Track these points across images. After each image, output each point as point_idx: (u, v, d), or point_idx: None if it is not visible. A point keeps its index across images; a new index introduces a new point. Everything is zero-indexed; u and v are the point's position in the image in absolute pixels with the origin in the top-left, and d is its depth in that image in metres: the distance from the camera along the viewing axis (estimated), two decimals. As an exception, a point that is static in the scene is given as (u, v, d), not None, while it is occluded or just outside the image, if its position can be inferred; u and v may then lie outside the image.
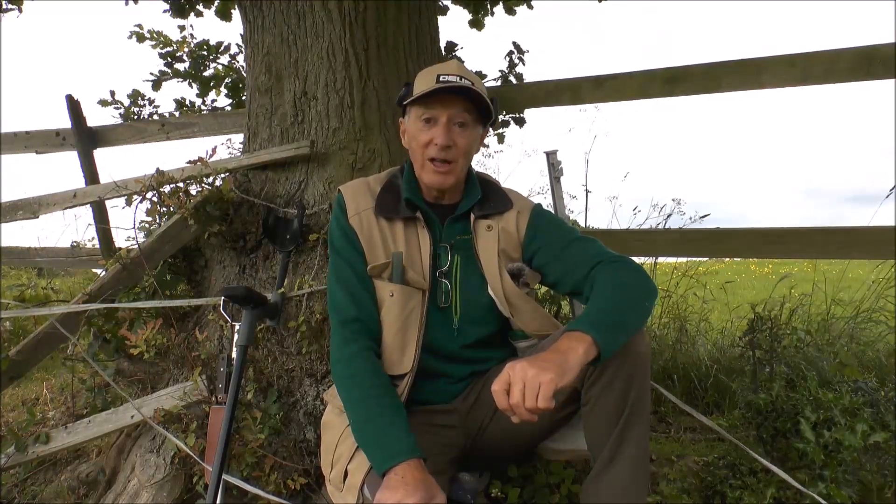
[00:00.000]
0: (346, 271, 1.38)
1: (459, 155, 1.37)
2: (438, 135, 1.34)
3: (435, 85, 1.32)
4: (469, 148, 1.39)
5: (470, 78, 1.36)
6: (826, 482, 1.56)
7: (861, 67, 2.02)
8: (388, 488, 1.10)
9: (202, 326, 2.07)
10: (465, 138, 1.37)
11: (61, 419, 2.22)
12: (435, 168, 1.37)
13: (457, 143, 1.36)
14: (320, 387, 1.83)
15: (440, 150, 1.34)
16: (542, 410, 1.01)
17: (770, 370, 2.20)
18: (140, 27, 3.30)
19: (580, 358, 1.07)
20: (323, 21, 2.07)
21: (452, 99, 1.34)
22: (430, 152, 1.36)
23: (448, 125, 1.35)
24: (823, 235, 2.11)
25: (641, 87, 2.36)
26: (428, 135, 1.36)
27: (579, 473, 1.66)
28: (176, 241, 2.09)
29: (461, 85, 1.32)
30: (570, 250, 1.39)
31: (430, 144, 1.36)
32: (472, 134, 1.39)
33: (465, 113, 1.35)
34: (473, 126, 1.38)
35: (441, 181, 1.38)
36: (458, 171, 1.39)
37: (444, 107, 1.34)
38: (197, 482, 1.77)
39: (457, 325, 1.41)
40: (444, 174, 1.37)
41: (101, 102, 3.35)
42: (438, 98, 1.34)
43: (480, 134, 1.44)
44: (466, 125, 1.37)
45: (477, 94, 1.33)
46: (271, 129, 2.17)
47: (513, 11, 3.33)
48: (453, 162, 1.37)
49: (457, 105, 1.34)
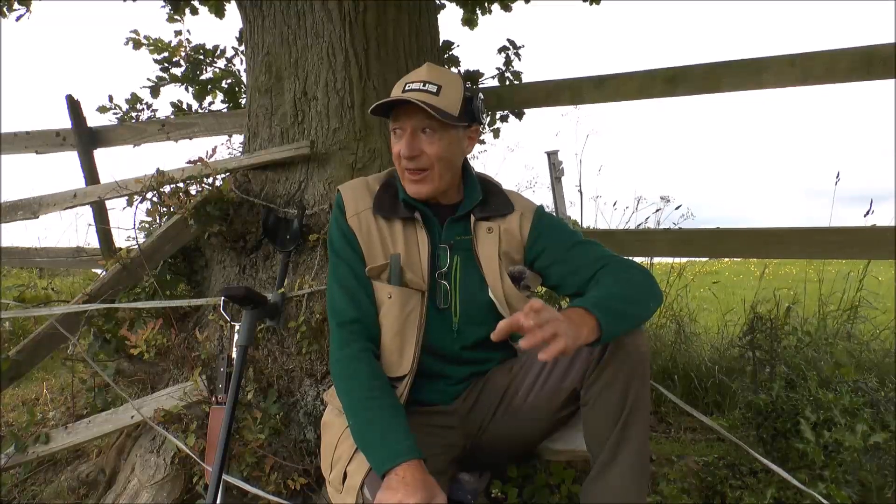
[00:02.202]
0: (344, 272, 1.38)
1: (432, 161, 1.34)
2: (403, 145, 1.33)
3: (397, 95, 1.32)
4: (443, 152, 1.34)
5: (438, 81, 1.33)
6: (826, 482, 1.56)
7: (861, 67, 2.02)
8: (388, 489, 1.10)
9: (202, 326, 2.07)
10: (433, 145, 1.33)
11: (61, 419, 2.22)
12: (410, 177, 1.36)
13: (424, 151, 1.33)
14: (320, 387, 1.83)
15: (408, 161, 1.34)
16: (551, 355, 1.01)
17: (770, 370, 2.20)
18: (136, 33, 3.29)
19: (585, 335, 1.08)
20: (323, 21, 2.07)
21: (414, 107, 1.30)
22: (404, 163, 1.36)
23: (413, 134, 1.33)
24: (823, 235, 2.12)
25: (641, 87, 2.36)
26: (398, 146, 1.35)
27: (579, 473, 1.66)
28: (176, 241, 2.09)
29: (407, 98, 1.29)
30: (573, 253, 1.39)
31: (399, 155, 1.35)
32: (446, 138, 1.34)
33: (427, 120, 1.31)
34: (444, 130, 1.33)
35: (416, 190, 1.37)
36: (436, 178, 1.36)
37: (408, 116, 1.32)
38: (197, 482, 1.77)
39: (456, 326, 1.41)
40: (418, 183, 1.36)
41: (101, 109, 3.36)
42: (402, 108, 1.32)
43: (462, 135, 1.39)
44: (434, 130, 1.33)
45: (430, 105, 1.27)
46: (271, 130, 2.17)
47: (508, 7, 3.32)
48: (428, 169, 1.35)
49: (418, 113, 1.31)
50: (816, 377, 1.89)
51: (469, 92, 1.37)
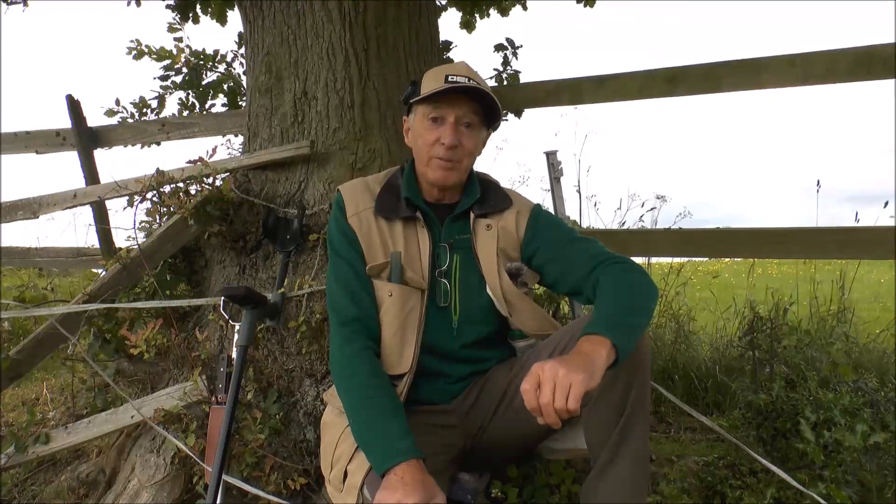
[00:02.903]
0: (345, 271, 1.39)
1: (465, 155, 1.38)
2: (446, 134, 1.35)
3: (444, 85, 1.33)
4: (474, 149, 1.41)
5: (478, 80, 1.38)
6: (826, 482, 1.56)
7: (861, 67, 2.01)
8: (387, 488, 1.10)
9: (202, 326, 2.07)
10: (471, 139, 1.38)
11: (61, 419, 2.22)
12: (440, 164, 1.38)
13: (463, 144, 1.37)
14: (320, 387, 1.83)
15: (447, 150, 1.35)
16: (570, 413, 0.99)
17: (770, 370, 2.20)
18: (137, 42, 3.30)
19: (604, 361, 1.07)
20: (323, 21, 2.07)
21: (460, 99, 1.35)
22: (436, 151, 1.36)
23: (455, 125, 1.36)
24: (823, 235, 2.11)
25: (641, 87, 2.36)
26: (435, 134, 1.36)
27: (579, 473, 1.66)
28: (176, 241, 2.09)
29: (469, 86, 1.33)
30: (569, 250, 1.40)
31: (436, 143, 1.36)
32: (478, 135, 1.41)
33: (472, 114, 1.37)
34: (479, 127, 1.40)
35: (445, 177, 1.39)
36: (461, 171, 1.41)
37: (453, 107, 1.35)
38: (197, 482, 1.77)
39: (456, 324, 1.41)
40: (448, 170, 1.38)
41: (108, 113, 3.36)
42: (447, 98, 1.35)
43: (485, 136, 1.45)
44: (473, 126, 1.38)
45: (486, 95, 1.34)
46: (271, 130, 2.17)
47: (506, 12, 3.33)
48: (458, 161, 1.38)
49: (465, 106, 1.35)
50: (816, 377, 1.89)
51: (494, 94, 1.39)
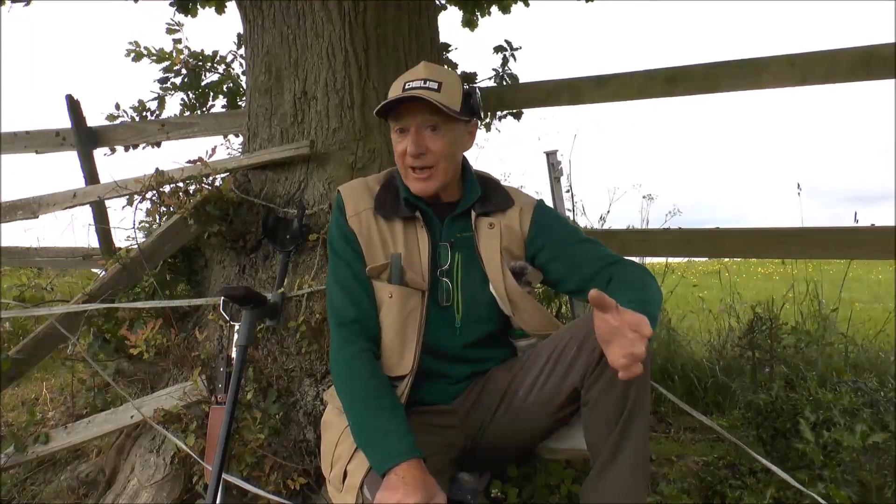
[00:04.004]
0: (344, 272, 1.38)
1: (438, 158, 1.35)
2: (409, 144, 1.34)
3: (399, 94, 1.32)
4: (448, 149, 1.36)
5: (438, 78, 1.33)
6: (826, 482, 1.56)
7: (861, 67, 2.02)
8: (387, 488, 1.10)
9: (202, 326, 2.07)
10: (438, 141, 1.34)
11: (61, 419, 2.22)
12: (415, 176, 1.37)
13: (430, 149, 1.34)
14: (320, 387, 1.83)
15: (414, 159, 1.34)
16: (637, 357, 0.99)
17: (770, 370, 2.20)
18: (136, 44, 3.30)
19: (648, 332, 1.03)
20: (323, 21, 2.07)
21: (418, 104, 1.31)
22: (408, 161, 1.36)
23: (419, 132, 1.33)
24: (823, 235, 2.12)
25: (641, 87, 2.36)
26: (402, 144, 1.36)
27: (579, 473, 1.66)
28: (176, 241, 2.09)
29: (415, 94, 1.29)
30: (575, 249, 1.39)
31: (406, 154, 1.35)
32: (449, 134, 1.35)
33: (433, 116, 1.33)
34: (448, 126, 1.35)
35: (423, 188, 1.38)
36: (440, 175, 1.37)
37: (412, 114, 1.33)
38: (197, 482, 1.77)
39: (458, 323, 1.41)
40: (425, 181, 1.37)
41: (109, 118, 3.36)
42: (406, 106, 1.33)
43: (464, 130, 1.41)
44: (439, 127, 1.34)
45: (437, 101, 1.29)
46: (271, 129, 2.17)
47: (508, 10, 3.32)
48: (433, 167, 1.36)
49: (423, 110, 1.32)
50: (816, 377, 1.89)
51: (468, 87, 1.38)
